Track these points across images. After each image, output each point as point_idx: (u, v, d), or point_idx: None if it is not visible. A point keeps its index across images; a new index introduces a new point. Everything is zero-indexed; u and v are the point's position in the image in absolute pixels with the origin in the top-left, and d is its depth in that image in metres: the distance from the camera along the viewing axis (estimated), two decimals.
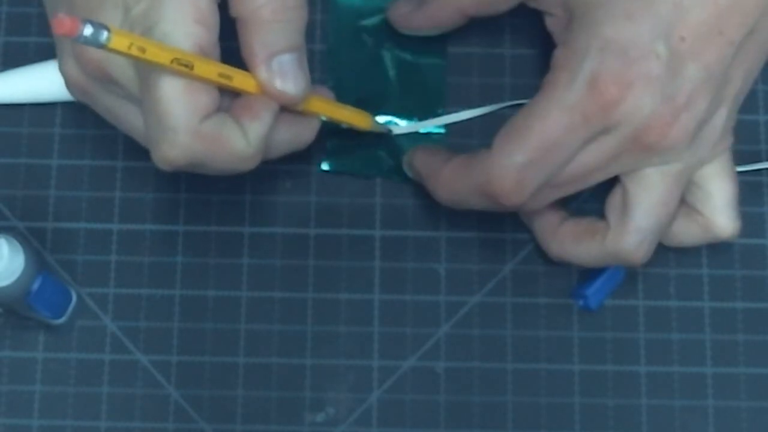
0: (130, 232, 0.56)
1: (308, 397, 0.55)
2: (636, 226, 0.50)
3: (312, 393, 0.55)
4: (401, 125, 0.57)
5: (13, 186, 0.57)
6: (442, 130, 0.57)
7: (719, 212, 0.51)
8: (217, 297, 0.56)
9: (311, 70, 0.57)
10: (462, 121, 0.57)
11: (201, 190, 0.56)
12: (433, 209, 0.56)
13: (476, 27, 0.58)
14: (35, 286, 0.50)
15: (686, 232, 0.52)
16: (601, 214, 0.52)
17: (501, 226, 0.56)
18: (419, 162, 0.54)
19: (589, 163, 0.49)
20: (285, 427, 0.54)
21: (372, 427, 0.54)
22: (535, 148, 0.48)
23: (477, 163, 0.50)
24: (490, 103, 0.57)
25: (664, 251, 0.56)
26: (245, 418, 0.54)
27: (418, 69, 0.58)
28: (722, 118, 0.50)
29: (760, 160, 0.57)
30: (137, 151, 0.57)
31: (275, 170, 0.57)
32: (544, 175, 0.49)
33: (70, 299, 0.55)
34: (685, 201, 0.52)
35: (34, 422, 0.54)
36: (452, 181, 0.51)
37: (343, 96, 0.57)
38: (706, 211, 0.52)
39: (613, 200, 0.51)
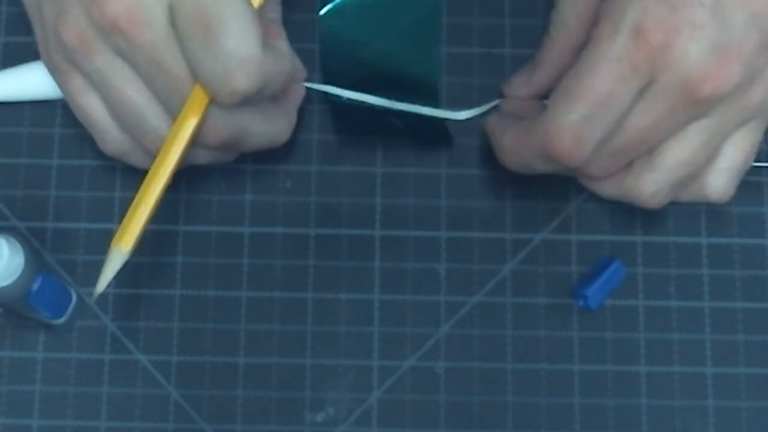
0: None
1: (308, 397, 0.55)
2: (657, 177, 0.50)
3: (312, 393, 0.55)
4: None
5: (13, 186, 0.57)
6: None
7: (716, 173, 0.51)
8: (217, 297, 0.56)
9: (311, 70, 0.57)
10: (462, 121, 0.57)
11: (201, 190, 0.56)
12: (433, 209, 0.56)
13: (476, 27, 0.58)
14: (35, 286, 0.50)
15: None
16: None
17: (501, 226, 0.56)
18: (489, 126, 0.55)
19: (643, 124, 0.49)
20: (285, 427, 0.54)
21: (372, 427, 0.54)
22: (589, 104, 0.48)
23: (536, 126, 0.50)
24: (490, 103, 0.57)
25: (664, 250, 0.56)
26: (245, 418, 0.54)
27: (414, 76, 0.57)
28: None
29: (760, 160, 0.57)
30: None
31: (275, 170, 0.57)
32: (601, 130, 0.49)
33: (70, 299, 0.55)
34: None
35: (34, 422, 0.54)
36: (515, 146, 0.52)
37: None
38: (705, 169, 0.51)
39: None
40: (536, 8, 0.58)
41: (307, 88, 0.56)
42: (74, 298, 0.55)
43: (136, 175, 0.57)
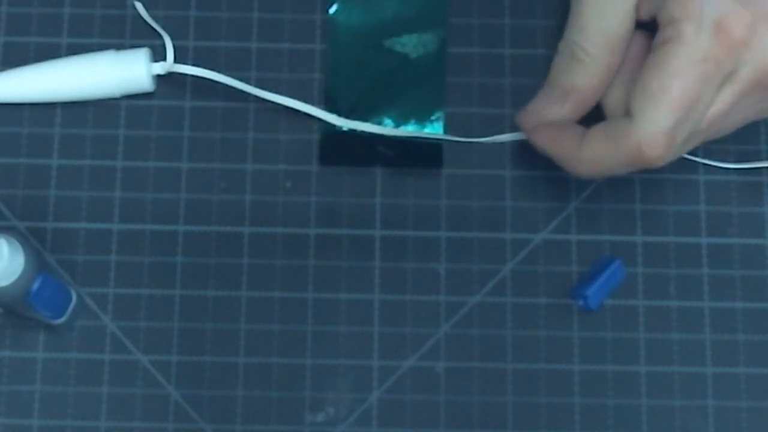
0: (130, 232, 0.56)
1: (308, 397, 0.55)
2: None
3: (312, 393, 0.55)
4: (400, 128, 0.57)
5: (13, 186, 0.57)
6: (440, 131, 0.57)
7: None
8: (217, 297, 0.56)
9: (311, 69, 0.57)
10: (462, 122, 0.57)
11: (201, 190, 0.56)
12: (433, 209, 0.56)
13: (476, 26, 0.58)
14: (35, 286, 0.50)
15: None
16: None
17: (501, 226, 0.56)
18: (547, 142, 0.53)
19: (719, 112, 0.50)
20: (285, 427, 0.54)
21: (372, 427, 0.54)
22: (679, 108, 0.48)
23: (621, 135, 0.50)
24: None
25: (664, 250, 0.56)
26: (245, 418, 0.54)
27: (417, 73, 0.57)
28: None
29: (759, 160, 0.57)
30: (137, 151, 0.57)
31: (275, 170, 0.57)
32: (689, 129, 0.49)
33: (70, 299, 0.55)
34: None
35: (34, 422, 0.54)
36: (595, 157, 0.51)
37: (341, 99, 0.57)
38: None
39: None
40: (536, 8, 0.58)
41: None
42: (74, 298, 0.55)
43: (136, 175, 0.57)
